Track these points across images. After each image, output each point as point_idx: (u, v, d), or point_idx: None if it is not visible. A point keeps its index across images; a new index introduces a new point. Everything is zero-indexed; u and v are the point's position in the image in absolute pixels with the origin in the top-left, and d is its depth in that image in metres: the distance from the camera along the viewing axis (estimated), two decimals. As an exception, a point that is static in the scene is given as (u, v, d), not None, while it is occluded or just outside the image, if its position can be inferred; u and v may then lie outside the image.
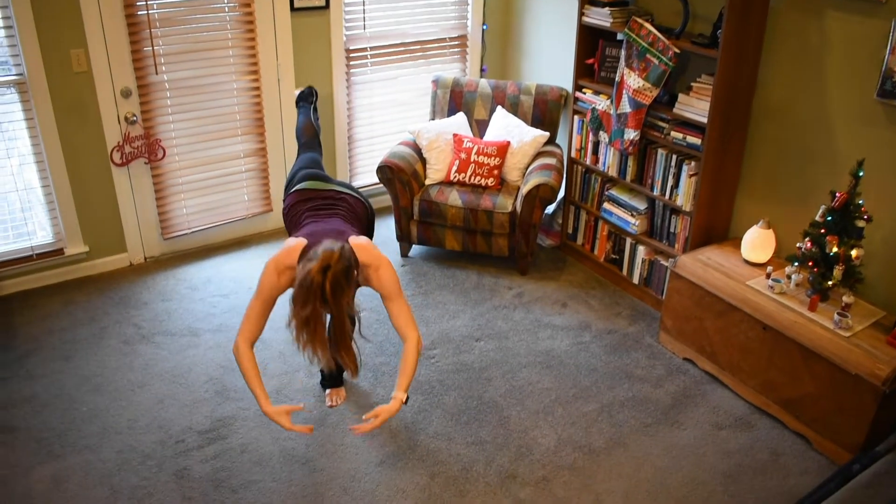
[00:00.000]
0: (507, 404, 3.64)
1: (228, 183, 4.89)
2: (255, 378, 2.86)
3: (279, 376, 3.75)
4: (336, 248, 2.70)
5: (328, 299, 2.63)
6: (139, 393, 3.63)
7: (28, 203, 4.29)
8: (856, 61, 3.44)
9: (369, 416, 2.85)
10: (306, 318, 2.66)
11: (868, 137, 3.46)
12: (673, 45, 3.90)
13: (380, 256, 2.94)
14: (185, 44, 4.41)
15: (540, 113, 5.02)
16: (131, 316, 4.21)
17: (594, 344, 4.11)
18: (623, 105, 4.21)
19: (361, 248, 2.90)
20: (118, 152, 4.39)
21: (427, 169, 4.87)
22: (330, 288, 2.62)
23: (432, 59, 5.46)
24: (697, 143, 3.92)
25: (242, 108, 4.75)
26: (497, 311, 4.38)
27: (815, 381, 3.32)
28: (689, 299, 3.87)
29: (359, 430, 2.84)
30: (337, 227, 3.04)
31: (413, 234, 4.81)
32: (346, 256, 2.71)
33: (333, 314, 2.69)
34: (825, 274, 3.42)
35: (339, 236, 2.92)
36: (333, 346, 2.77)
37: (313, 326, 2.68)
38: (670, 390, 3.78)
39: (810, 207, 3.68)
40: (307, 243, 2.87)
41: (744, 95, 3.89)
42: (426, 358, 3.94)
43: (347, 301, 2.72)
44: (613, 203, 4.54)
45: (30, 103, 4.07)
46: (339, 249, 2.70)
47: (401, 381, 2.90)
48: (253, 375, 2.86)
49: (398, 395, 2.87)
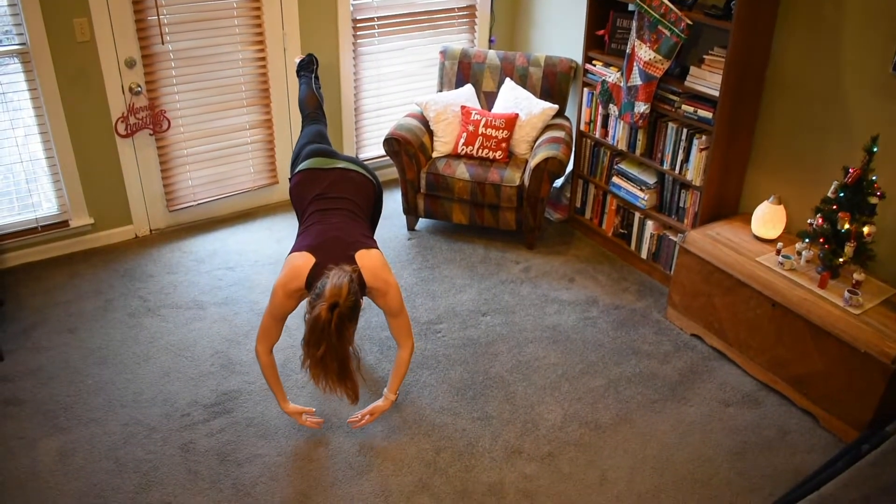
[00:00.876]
0: (513, 379, 3.63)
1: (234, 155, 4.85)
2: (274, 379, 3.14)
3: (285, 349, 3.72)
4: (344, 280, 2.74)
5: (334, 337, 2.72)
6: (144, 366, 3.63)
7: (33, 174, 4.26)
8: (871, 35, 3.37)
9: (365, 412, 3.22)
10: (321, 357, 2.75)
11: (883, 112, 3.40)
12: (685, 17, 3.82)
13: (388, 281, 2.99)
14: (190, 13, 4.35)
15: (549, 85, 4.95)
16: (137, 288, 4.20)
17: (601, 319, 4.09)
18: (634, 77, 4.15)
19: (370, 270, 2.94)
20: (122, 123, 4.35)
21: (434, 141, 4.83)
22: (336, 327, 2.70)
23: (440, 29, 5.38)
24: (709, 117, 3.86)
25: (248, 78, 4.70)
26: (504, 285, 4.36)
27: (824, 359, 3.30)
28: (698, 275, 3.83)
29: (356, 424, 3.24)
30: (343, 232, 3.05)
31: (420, 207, 4.77)
32: (354, 291, 2.77)
33: (336, 347, 2.75)
34: (836, 251, 3.38)
35: (348, 249, 2.95)
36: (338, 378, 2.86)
37: (327, 363, 2.78)
38: (677, 366, 3.76)
39: (822, 183, 3.63)
40: (314, 262, 2.90)
41: (757, 68, 3.82)
42: (433, 332, 3.93)
43: (351, 333, 2.80)
44: (622, 177, 4.49)
45: (33, 73, 4.03)
46: (348, 283, 2.74)
47: (393, 382, 3.22)
48: (272, 377, 3.13)
49: (389, 395, 3.23)
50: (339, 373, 2.81)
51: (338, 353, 2.76)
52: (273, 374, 3.11)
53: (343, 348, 2.76)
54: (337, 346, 2.74)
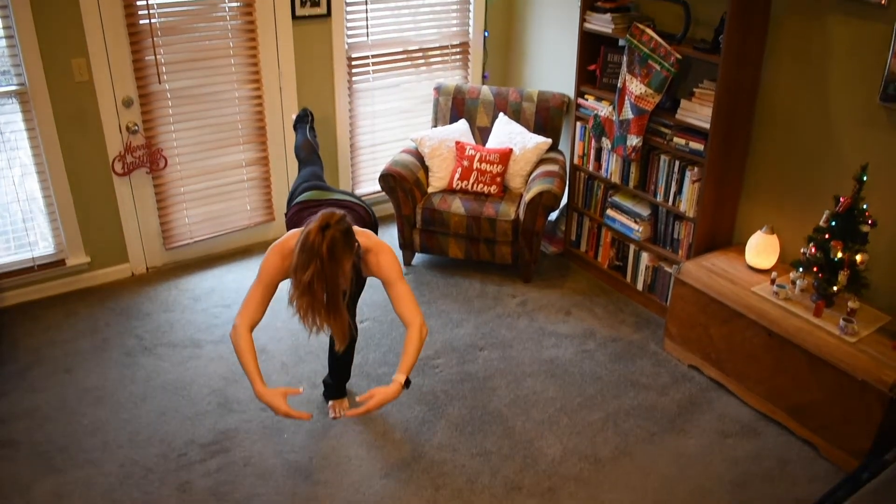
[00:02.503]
0: (511, 414, 3.62)
1: (230, 192, 4.87)
2: (251, 361, 2.78)
3: (282, 387, 3.72)
4: (336, 212, 2.70)
5: (325, 259, 2.59)
6: (141, 405, 3.61)
7: (30, 214, 4.28)
8: (858, 65, 3.43)
9: (364, 397, 2.78)
10: (308, 283, 2.62)
11: (872, 141, 3.44)
12: (675, 51, 3.88)
13: (380, 242, 2.94)
14: (186, 52, 4.41)
15: (542, 119, 5.01)
16: (133, 327, 4.20)
17: (599, 352, 4.09)
18: (625, 111, 4.20)
19: (362, 232, 2.91)
20: (120, 162, 4.38)
21: (429, 177, 4.86)
22: (328, 246, 2.59)
23: (434, 66, 5.45)
24: (700, 149, 3.90)
25: (244, 116, 4.74)
26: (501, 319, 4.36)
27: (822, 388, 3.30)
28: (694, 306, 3.84)
29: (353, 413, 2.80)
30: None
31: (416, 242, 4.79)
32: (346, 221, 2.69)
33: (328, 276, 2.62)
34: (830, 279, 3.40)
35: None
36: (326, 311, 2.71)
37: (315, 290, 2.63)
38: (676, 398, 3.75)
39: (814, 212, 3.65)
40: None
41: (746, 101, 3.87)
42: (430, 368, 3.92)
43: (345, 263, 2.68)
44: (616, 210, 4.52)
45: (31, 113, 4.07)
46: (340, 214, 2.69)
47: (402, 363, 2.82)
48: (250, 359, 2.78)
49: (398, 377, 2.80)
50: (328, 304, 2.66)
51: (328, 279, 2.62)
52: (250, 353, 2.78)
53: (334, 274, 2.63)
54: (328, 270, 2.61)
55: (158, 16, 4.23)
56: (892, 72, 3.24)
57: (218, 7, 4.41)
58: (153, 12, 4.21)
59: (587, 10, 4.41)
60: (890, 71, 3.25)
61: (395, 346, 4.06)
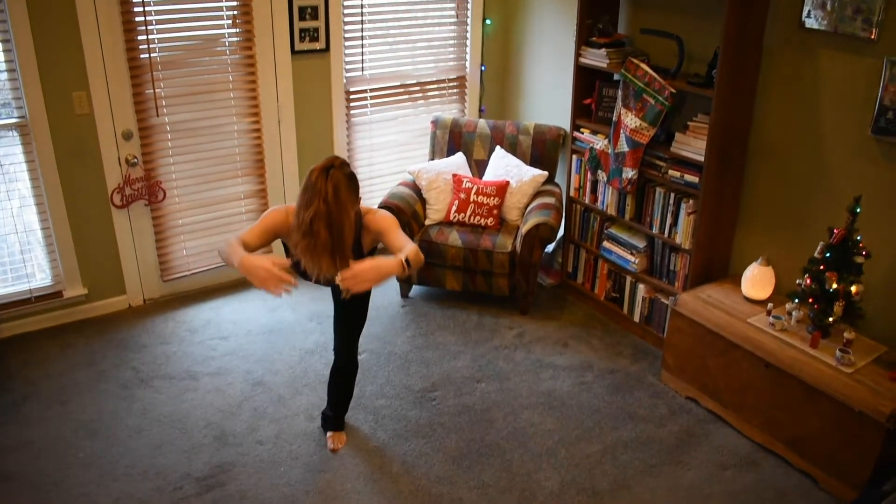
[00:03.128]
0: (509, 447, 3.60)
1: (228, 224, 4.89)
2: (236, 245, 2.69)
3: (279, 420, 3.72)
4: (339, 157, 2.74)
5: (329, 198, 2.59)
6: (136, 438, 3.59)
7: (27, 245, 4.29)
8: (850, 98, 3.48)
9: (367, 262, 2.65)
10: (310, 221, 2.60)
11: (864, 173, 3.48)
12: (669, 85, 3.94)
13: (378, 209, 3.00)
14: (186, 86, 4.45)
15: (538, 152, 5.05)
16: (130, 359, 4.18)
17: (596, 384, 4.08)
18: (621, 144, 4.24)
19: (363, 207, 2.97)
20: (118, 194, 4.40)
21: (427, 209, 4.89)
22: (333, 186, 2.60)
23: (431, 99, 5.51)
24: (695, 182, 3.94)
25: (243, 149, 4.78)
26: (498, 351, 4.36)
27: (819, 419, 3.30)
28: (691, 337, 3.85)
29: (344, 275, 2.64)
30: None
31: (413, 274, 4.80)
32: (349, 166, 2.73)
33: (333, 218, 2.61)
34: (826, 310, 3.41)
35: None
36: (332, 255, 2.68)
37: (318, 230, 2.61)
38: (674, 430, 3.74)
39: (809, 244, 3.68)
40: None
41: (740, 134, 3.92)
42: (427, 400, 3.91)
43: (349, 205, 2.68)
44: (613, 241, 4.54)
45: (31, 146, 4.10)
46: (343, 159, 2.73)
47: (402, 251, 2.75)
48: (235, 246, 2.69)
49: (399, 255, 2.71)
50: (333, 248, 2.62)
51: (333, 221, 2.59)
52: (236, 246, 2.69)
53: (339, 216, 2.61)
54: (333, 210, 2.59)
55: (159, 50, 4.29)
56: (883, 104, 3.29)
57: (218, 42, 4.47)
58: (153, 47, 4.26)
59: (582, 46, 4.48)
60: (881, 104, 3.30)
61: (393, 378, 4.05)
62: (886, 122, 3.30)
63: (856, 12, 3.33)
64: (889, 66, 3.24)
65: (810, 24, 3.53)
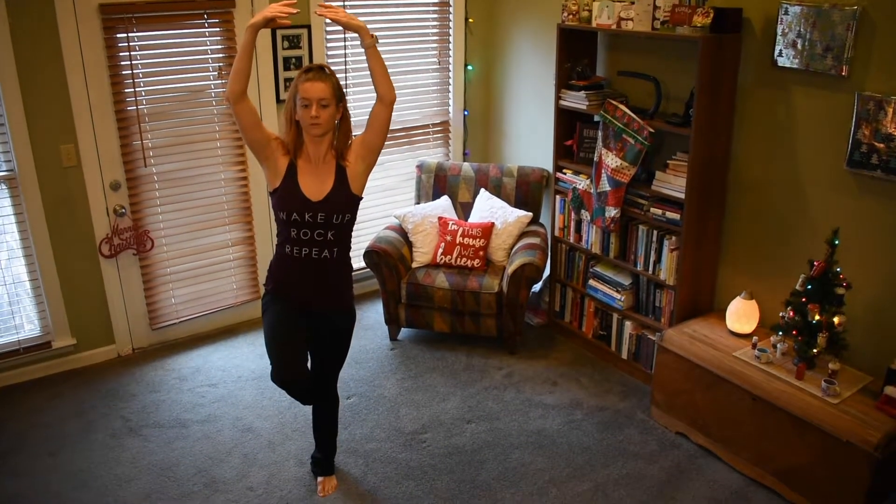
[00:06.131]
0: (500, 487, 3.59)
1: (217, 272, 4.92)
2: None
3: (269, 466, 3.70)
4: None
5: (303, 73, 2.93)
6: (126, 488, 3.56)
7: (16, 297, 4.29)
8: (824, 133, 3.57)
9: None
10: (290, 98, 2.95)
11: (841, 206, 3.55)
12: (647, 125, 4.02)
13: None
14: (173, 137, 4.51)
15: (522, 194, 5.12)
16: (119, 408, 4.17)
17: (586, 422, 4.09)
18: (603, 184, 4.31)
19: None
20: (107, 244, 4.42)
21: (413, 252, 4.93)
22: (306, 68, 2.96)
23: (416, 144, 5.59)
24: (677, 219, 4.00)
25: (230, 197, 4.83)
26: (487, 391, 4.36)
27: (808, 450, 3.31)
28: (678, 373, 3.87)
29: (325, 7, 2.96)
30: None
31: (401, 317, 4.83)
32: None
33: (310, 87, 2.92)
34: (810, 342, 3.45)
35: None
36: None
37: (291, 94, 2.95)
38: (665, 466, 3.74)
39: (791, 276, 3.73)
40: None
41: (719, 170, 4.00)
42: (417, 442, 3.90)
43: (326, 85, 2.95)
44: (598, 280, 4.59)
45: (19, 198, 4.13)
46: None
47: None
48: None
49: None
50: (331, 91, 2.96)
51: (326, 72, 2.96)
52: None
53: (315, 86, 2.91)
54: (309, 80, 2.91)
55: (146, 102, 4.36)
56: (857, 139, 3.38)
57: (204, 93, 4.55)
58: (140, 99, 4.33)
59: (562, 89, 4.57)
60: (854, 138, 3.39)
61: (382, 422, 4.05)
62: (861, 155, 3.38)
63: (826, 50, 3.44)
64: (860, 101, 3.33)
65: (783, 63, 3.63)
